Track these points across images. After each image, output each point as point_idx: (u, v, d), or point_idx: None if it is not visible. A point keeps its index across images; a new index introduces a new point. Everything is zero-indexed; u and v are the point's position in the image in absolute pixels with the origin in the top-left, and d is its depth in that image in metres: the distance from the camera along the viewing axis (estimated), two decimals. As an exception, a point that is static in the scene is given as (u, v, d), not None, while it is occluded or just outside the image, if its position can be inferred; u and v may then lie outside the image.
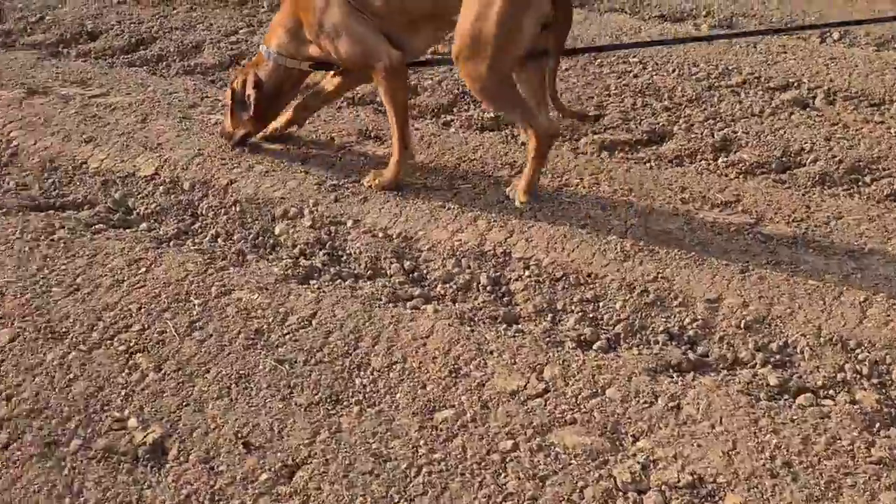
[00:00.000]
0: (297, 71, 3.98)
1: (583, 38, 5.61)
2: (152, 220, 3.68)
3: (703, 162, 4.11)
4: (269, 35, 4.05)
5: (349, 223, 3.60)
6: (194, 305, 3.13)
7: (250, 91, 4.03)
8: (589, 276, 3.28)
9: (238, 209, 3.69)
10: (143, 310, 3.10)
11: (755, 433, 2.59)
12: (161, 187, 3.83)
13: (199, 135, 4.24)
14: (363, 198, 3.74)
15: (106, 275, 3.28)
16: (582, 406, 2.70)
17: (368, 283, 3.33)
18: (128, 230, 3.69)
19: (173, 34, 5.53)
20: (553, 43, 3.49)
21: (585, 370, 2.83)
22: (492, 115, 4.53)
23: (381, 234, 3.54)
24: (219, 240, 3.56)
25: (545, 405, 2.71)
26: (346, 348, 2.96)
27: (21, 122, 4.29)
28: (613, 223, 3.58)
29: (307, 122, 4.35)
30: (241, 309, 3.11)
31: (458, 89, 4.75)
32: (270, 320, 3.07)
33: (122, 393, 2.79)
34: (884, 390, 2.79)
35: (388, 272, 3.38)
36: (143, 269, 3.32)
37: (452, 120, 4.54)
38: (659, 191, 3.81)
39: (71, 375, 2.84)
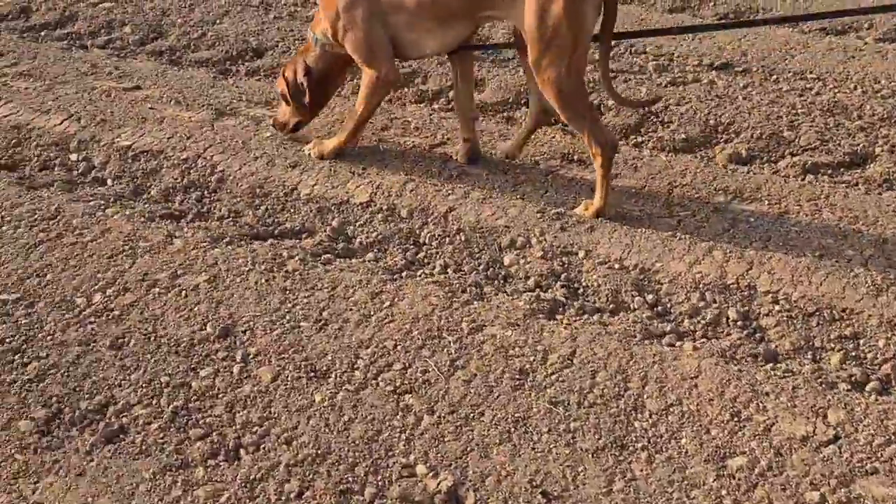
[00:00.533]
0: (343, 56, 4.04)
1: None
2: (376, 250, 3.58)
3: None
4: (315, 21, 4.16)
5: (581, 254, 3.50)
6: (450, 343, 3.04)
7: (302, 79, 4.13)
8: (844, 311, 3.17)
9: (463, 238, 3.60)
10: (399, 347, 3.02)
11: None
12: (379, 215, 3.75)
13: (403, 159, 4.19)
14: (589, 227, 3.64)
15: (351, 309, 3.19)
16: (880, 454, 2.58)
17: (615, 318, 3.21)
18: (354, 260, 3.63)
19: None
20: (603, 29, 3.61)
21: (871, 415, 2.71)
22: (683, 136, 4.41)
23: (616, 266, 3.43)
24: (448, 270, 3.46)
25: (840, 453, 2.59)
26: (617, 389, 2.86)
27: (220, 145, 4.22)
28: (849, 253, 3.49)
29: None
30: (498, 346, 3.02)
31: (643, 109, 4.59)
32: (532, 359, 2.98)
33: (402, 437, 2.70)
34: None
35: (631, 306, 3.28)
36: (388, 303, 3.23)
37: (644, 142, 4.40)
38: (886, 218, 3.65)
39: (346, 418, 2.75)
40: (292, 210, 3.85)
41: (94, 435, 2.71)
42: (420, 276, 3.45)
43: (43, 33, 5.88)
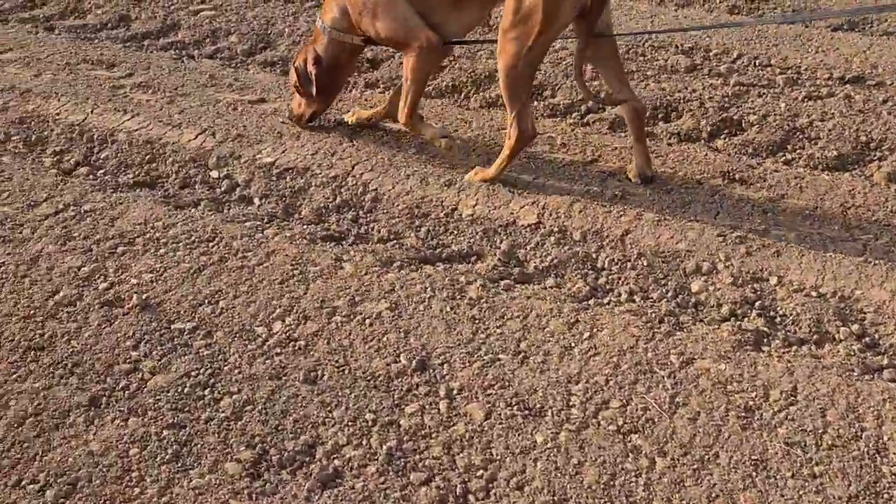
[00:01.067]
0: (351, 44, 4.11)
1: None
2: (554, 275, 3.38)
3: None
4: (324, 10, 4.15)
5: (772, 280, 3.31)
6: (663, 378, 2.86)
7: (311, 68, 4.13)
8: None
9: (644, 263, 3.40)
10: (611, 382, 2.84)
11: None
12: (550, 238, 3.57)
13: (560, 177, 4.10)
14: (775, 251, 3.45)
15: (549, 340, 3.02)
16: None
17: (822, 349, 3.02)
18: (535, 286, 3.49)
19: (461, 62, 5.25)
20: (583, 29, 3.63)
21: None
22: (834, 152, 4.36)
23: (813, 294, 3.24)
24: (636, 298, 3.26)
25: None
26: (852, 429, 2.68)
27: (366, 162, 4.06)
28: None
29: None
30: (715, 381, 2.85)
31: (788, 124, 4.45)
32: (753, 395, 2.81)
33: (640, 482, 2.51)
34: None
35: (836, 337, 3.11)
36: (587, 334, 3.05)
37: (793, 159, 4.22)
38: None
39: (574, 461, 2.58)
40: (456, 231, 3.67)
41: (309, 479, 2.54)
42: (609, 303, 3.24)
43: (146, 42, 5.72)
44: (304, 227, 3.71)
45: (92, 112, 4.56)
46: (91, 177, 4.08)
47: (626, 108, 4.02)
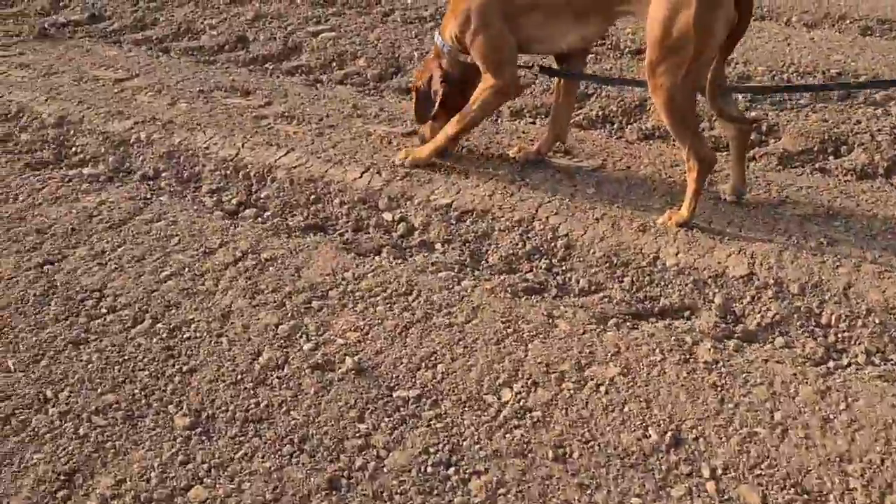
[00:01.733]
0: (473, 65, 3.92)
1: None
2: (781, 334, 3.17)
3: None
4: (443, 26, 3.98)
5: None
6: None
7: (438, 86, 3.96)
8: None
9: (877, 321, 3.15)
10: (886, 462, 2.59)
11: None
12: (766, 290, 3.30)
13: (754, 219, 3.80)
14: None
15: (803, 410, 2.86)
16: None
17: None
18: (762, 345, 3.31)
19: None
20: (724, 47, 3.46)
21: None
22: None
23: None
24: (875, 359, 3.07)
25: None
26: None
27: (549, 205, 3.91)
28: None
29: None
30: None
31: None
32: None
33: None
34: None
35: None
36: (843, 405, 2.90)
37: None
38: None
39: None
40: (662, 283, 3.45)
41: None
42: (849, 367, 3.01)
43: (268, 65, 5.50)
44: (499, 276, 3.46)
45: (243, 146, 4.34)
46: (259, 219, 3.84)
47: (733, 127, 3.87)
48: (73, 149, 4.44)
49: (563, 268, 3.59)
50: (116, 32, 6.09)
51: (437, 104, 4.08)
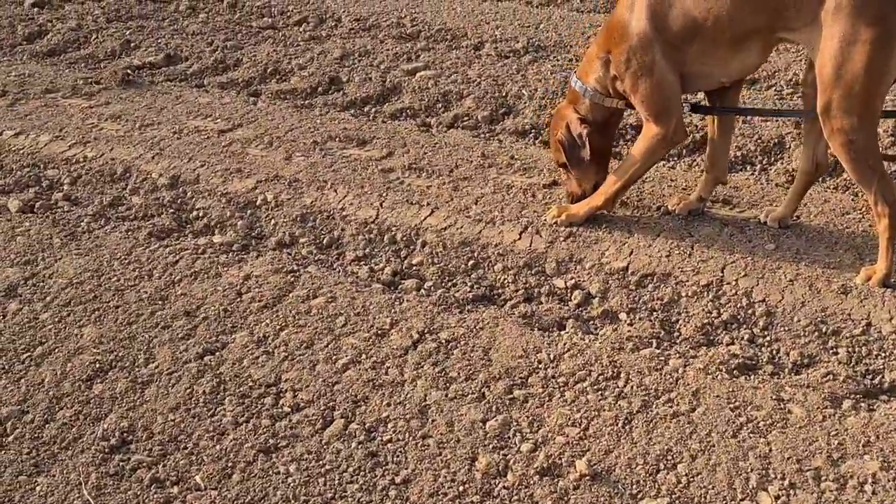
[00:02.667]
0: (616, 109, 3.78)
1: None
2: None
3: None
4: (584, 69, 3.75)
5: None
6: None
7: (579, 129, 3.75)
8: None
9: None
10: None
11: None
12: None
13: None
14: None
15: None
16: None
17: None
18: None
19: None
20: None
21: None
22: None
23: None
24: None
25: None
26: None
27: (735, 265, 3.58)
28: None
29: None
30: None
31: None
32: None
33: None
34: None
35: None
36: None
37: None
38: None
39: None
40: (882, 353, 3.28)
41: None
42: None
43: (368, 108, 5.16)
44: (698, 350, 3.16)
45: (381, 206, 4.02)
46: (422, 291, 3.51)
47: (810, 161, 3.74)
48: (195, 213, 4.11)
49: (768, 338, 3.31)
50: (197, 75, 5.77)
51: (587, 145, 3.85)
